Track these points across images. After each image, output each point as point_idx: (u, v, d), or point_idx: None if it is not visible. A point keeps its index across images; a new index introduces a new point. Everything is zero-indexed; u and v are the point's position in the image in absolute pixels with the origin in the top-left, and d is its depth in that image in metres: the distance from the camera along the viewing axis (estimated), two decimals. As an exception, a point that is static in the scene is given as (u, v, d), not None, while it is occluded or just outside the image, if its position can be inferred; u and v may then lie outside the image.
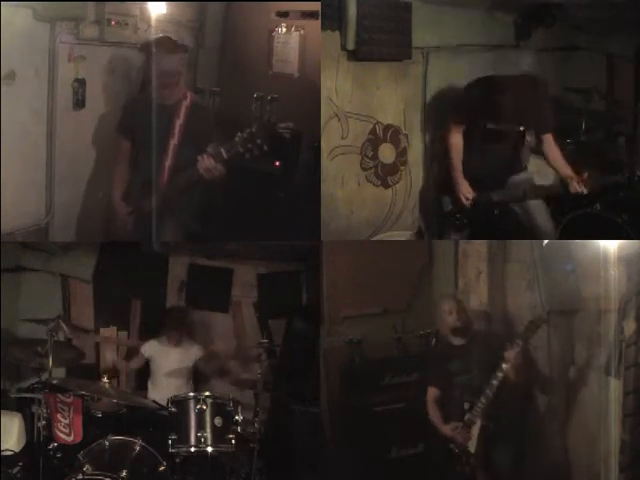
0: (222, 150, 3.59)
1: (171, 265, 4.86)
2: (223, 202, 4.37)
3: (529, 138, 4.11)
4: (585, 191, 3.90)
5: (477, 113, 4.10)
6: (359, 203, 4.35)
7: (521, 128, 4.09)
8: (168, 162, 3.81)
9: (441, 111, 4.48)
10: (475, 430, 3.53)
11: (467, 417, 3.56)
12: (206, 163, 3.61)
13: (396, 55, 4.21)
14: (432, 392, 3.82)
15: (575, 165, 4.57)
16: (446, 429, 3.65)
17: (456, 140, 4.21)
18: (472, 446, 3.55)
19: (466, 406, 3.56)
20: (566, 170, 4.07)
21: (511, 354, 3.42)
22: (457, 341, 3.75)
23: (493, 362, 3.49)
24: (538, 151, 4.38)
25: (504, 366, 3.43)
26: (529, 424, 3.73)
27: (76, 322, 4.63)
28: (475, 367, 3.63)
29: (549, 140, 4.15)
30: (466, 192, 4.15)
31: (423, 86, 4.50)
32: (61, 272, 4.61)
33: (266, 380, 3.93)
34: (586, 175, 3.93)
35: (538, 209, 4.19)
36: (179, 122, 3.81)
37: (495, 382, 3.46)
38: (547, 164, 4.20)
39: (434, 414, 3.76)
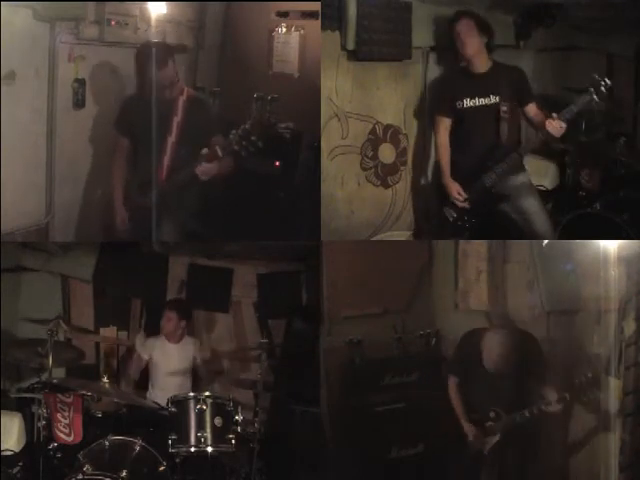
0: (217, 148, 3.60)
1: (171, 265, 4.86)
2: (223, 202, 4.37)
3: (504, 108, 4.02)
4: (564, 124, 3.82)
5: (455, 96, 4.11)
6: (359, 203, 4.35)
7: (497, 99, 4.04)
8: (167, 159, 3.81)
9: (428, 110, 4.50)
10: (490, 441, 3.54)
11: (489, 425, 3.55)
12: (202, 167, 3.64)
13: (396, 55, 4.21)
14: (452, 381, 3.82)
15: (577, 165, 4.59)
16: (465, 426, 3.65)
17: (443, 139, 4.21)
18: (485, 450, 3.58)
19: (491, 414, 3.55)
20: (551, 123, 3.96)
21: (556, 405, 3.38)
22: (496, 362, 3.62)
23: (528, 388, 3.47)
24: (537, 149, 4.38)
25: (542, 408, 3.41)
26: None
27: (76, 322, 4.64)
28: (509, 382, 3.57)
29: (532, 108, 4.12)
30: (457, 194, 4.13)
31: (423, 86, 4.51)
32: (61, 272, 4.61)
33: (266, 380, 3.93)
34: (555, 114, 3.84)
35: (537, 215, 4.15)
36: (177, 119, 3.81)
37: (527, 415, 3.44)
38: (537, 131, 4.11)
39: (456, 402, 3.76)
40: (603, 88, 3.75)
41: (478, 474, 3.61)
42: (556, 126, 3.83)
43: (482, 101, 4.08)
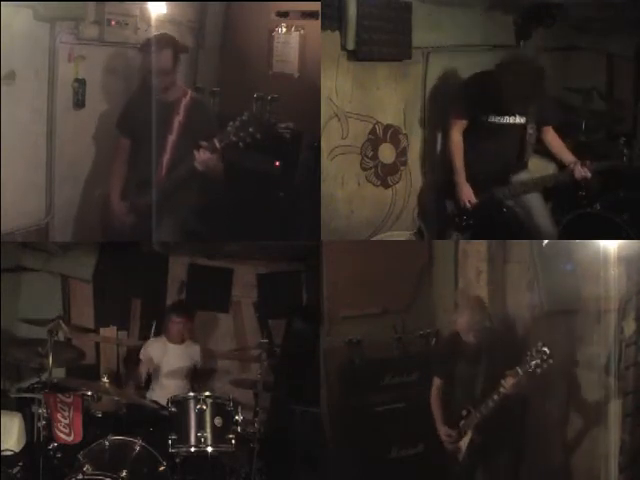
0: (215, 140, 3.61)
1: (171, 265, 4.86)
2: (223, 202, 4.37)
3: (531, 131, 4.09)
4: (590, 175, 3.89)
5: (478, 107, 4.10)
6: (359, 203, 4.35)
7: (522, 120, 4.08)
8: (166, 159, 3.82)
9: (440, 109, 4.48)
10: (465, 441, 3.51)
11: (462, 424, 3.52)
12: (201, 156, 3.63)
13: (396, 55, 4.21)
14: (436, 383, 3.78)
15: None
16: (442, 430, 3.63)
17: (457, 138, 4.20)
18: (460, 456, 3.54)
19: (463, 413, 3.51)
20: (570, 157, 4.10)
21: (510, 382, 3.30)
22: (469, 340, 3.58)
23: (497, 376, 3.40)
24: (538, 149, 4.38)
25: (502, 391, 3.33)
26: (527, 429, 3.70)
27: (76, 322, 4.64)
28: (481, 375, 3.54)
29: (550, 131, 4.17)
30: (469, 197, 4.14)
31: (423, 86, 4.51)
32: (61, 272, 4.61)
33: (266, 380, 3.93)
34: (588, 162, 3.92)
35: (539, 211, 4.17)
36: (178, 119, 3.82)
37: (491, 404, 3.38)
38: (551, 154, 4.19)
39: (435, 406, 3.72)
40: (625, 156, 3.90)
41: (473, 474, 3.60)
42: (583, 174, 3.93)
43: (508, 119, 4.09)
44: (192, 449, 3.46)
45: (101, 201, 4.21)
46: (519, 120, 4.11)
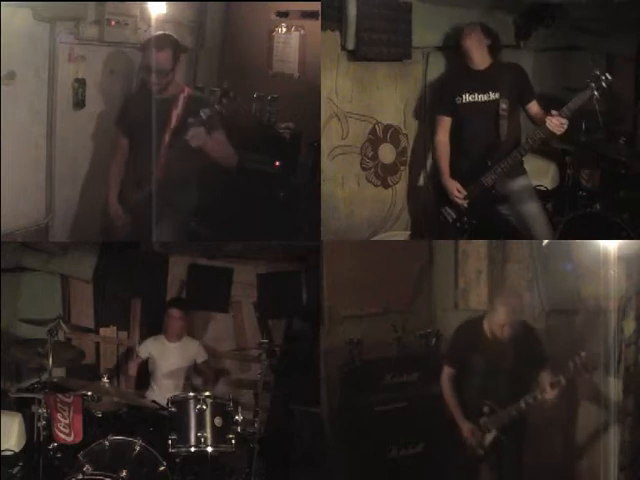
0: (201, 113, 3.63)
1: (171, 265, 4.86)
2: (223, 202, 4.37)
3: (504, 105, 3.97)
4: (565, 121, 3.71)
5: (455, 94, 4.08)
6: (359, 203, 4.35)
7: (497, 96, 4.00)
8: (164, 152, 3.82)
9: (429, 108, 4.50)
10: (489, 437, 3.44)
11: (483, 421, 3.45)
12: (190, 132, 3.64)
13: (396, 55, 4.21)
14: (447, 372, 3.66)
15: (577, 165, 4.57)
16: (464, 427, 3.51)
17: (443, 139, 4.16)
18: (478, 453, 3.48)
19: (485, 410, 3.43)
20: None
21: (552, 392, 3.22)
22: (497, 338, 3.46)
23: (525, 378, 3.36)
24: (534, 149, 4.36)
25: (539, 397, 3.26)
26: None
27: (76, 322, 4.64)
28: (503, 373, 3.44)
29: (534, 106, 4.06)
30: (456, 191, 4.05)
31: (423, 86, 4.51)
32: (61, 272, 4.61)
33: (266, 380, 3.93)
34: (554, 112, 3.73)
35: (536, 219, 4.10)
36: (176, 112, 3.81)
37: (523, 406, 3.31)
38: (540, 128, 4.01)
39: (449, 396, 3.62)
40: (604, 83, 3.68)
41: (478, 473, 3.59)
42: (557, 123, 3.70)
43: (481, 97, 4.04)
44: (192, 449, 3.46)
45: (103, 201, 4.22)
46: (493, 96, 4.02)
